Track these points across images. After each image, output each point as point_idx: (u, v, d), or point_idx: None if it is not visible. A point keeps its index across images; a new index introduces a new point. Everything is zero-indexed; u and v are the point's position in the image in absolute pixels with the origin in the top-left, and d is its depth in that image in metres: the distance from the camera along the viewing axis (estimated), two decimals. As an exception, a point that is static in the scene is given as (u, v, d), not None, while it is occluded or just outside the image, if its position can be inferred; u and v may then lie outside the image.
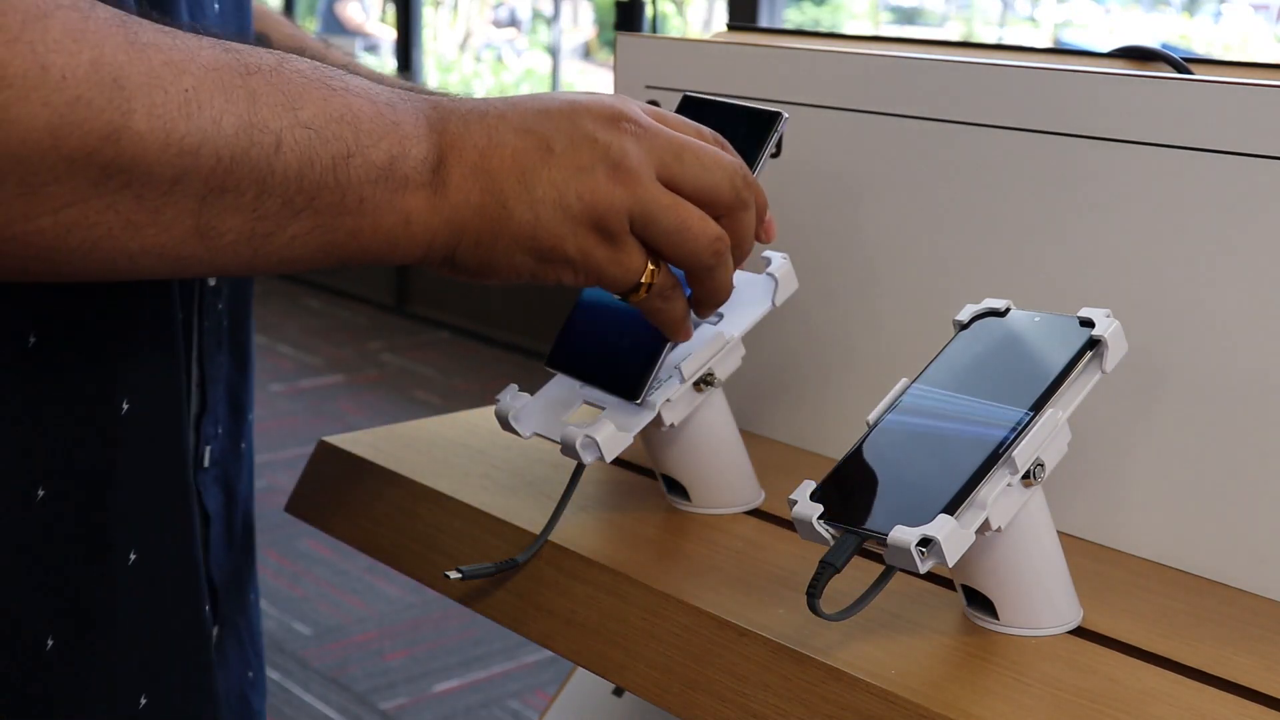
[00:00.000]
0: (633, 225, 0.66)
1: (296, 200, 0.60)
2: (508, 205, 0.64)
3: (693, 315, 0.73)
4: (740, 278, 0.79)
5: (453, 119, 0.64)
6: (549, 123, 0.65)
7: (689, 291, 0.71)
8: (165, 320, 0.70)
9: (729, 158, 0.68)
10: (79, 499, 0.67)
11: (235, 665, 0.84)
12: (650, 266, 0.67)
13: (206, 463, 0.79)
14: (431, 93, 0.67)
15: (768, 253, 0.80)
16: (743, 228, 0.69)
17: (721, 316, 0.78)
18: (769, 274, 0.79)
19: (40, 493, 0.65)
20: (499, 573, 0.76)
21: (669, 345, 0.73)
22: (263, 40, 0.89)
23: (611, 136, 0.65)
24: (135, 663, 0.70)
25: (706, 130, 0.70)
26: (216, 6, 0.78)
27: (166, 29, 0.58)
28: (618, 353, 0.75)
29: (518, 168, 0.64)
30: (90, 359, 0.67)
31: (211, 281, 0.76)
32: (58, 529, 0.66)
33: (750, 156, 0.74)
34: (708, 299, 0.71)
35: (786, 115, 0.76)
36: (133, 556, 0.68)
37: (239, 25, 0.81)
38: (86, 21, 0.54)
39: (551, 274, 0.66)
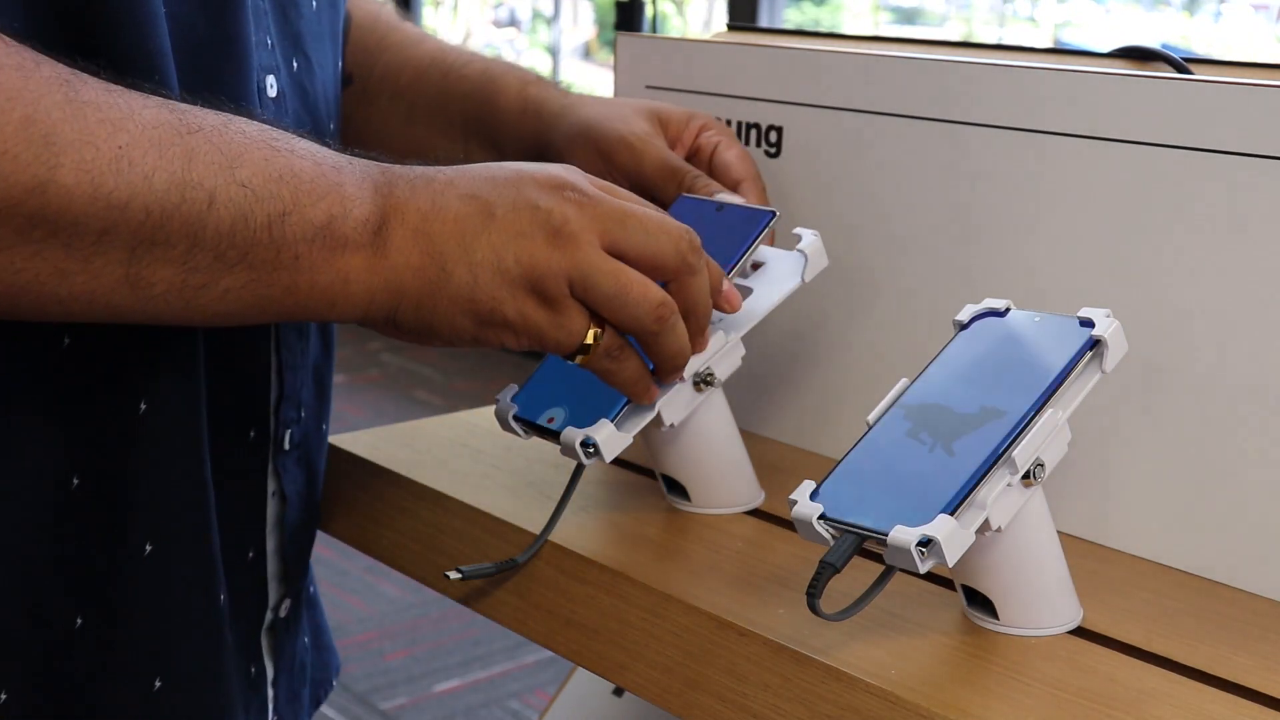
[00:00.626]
0: (573, 289, 0.66)
1: (229, 255, 0.61)
2: (447, 268, 0.65)
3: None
4: (771, 254, 0.80)
5: (400, 184, 0.66)
6: (493, 189, 0.66)
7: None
8: (183, 329, 0.71)
9: (675, 224, 0.69)
10: (102, 492, 0.69)
11: (303, 631, 0.88)
12: (593, 329, 0.68)
13: (287, 445, 0.81)
14: (388, 162, 0.67)
15: (798, 229, 0.80)
16: (692, 293, 0.70)
17: (748, 294, 0.79)
18: (799, 250, 0.79)
19: (75, 481, 0.68)
20: (499, 573, 0.76)
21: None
22: (369, 50, 0.95)
23: (553, 203, 0.66)
24: (151, 648, 0.72)
25: (652, 206, 0.71)
26: (314, 4, 0.81)
27: (113, 88, 0.59)
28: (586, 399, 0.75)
29: (458, 232, 0.65)
30: (114, 362, 0.69)
31: None
32: (83, 519, 0.69)
33: (735, 251, 0.77)
34: (662, 365, 0.72)
35: (778, 214, 0.79)
36: (149, 548, 0.71)
37: (332, 21, 0.84)
38: (26, 80, 0.56)
39: (493, 337, 0.67)
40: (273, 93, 0.75)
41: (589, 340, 0.68)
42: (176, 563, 0.72)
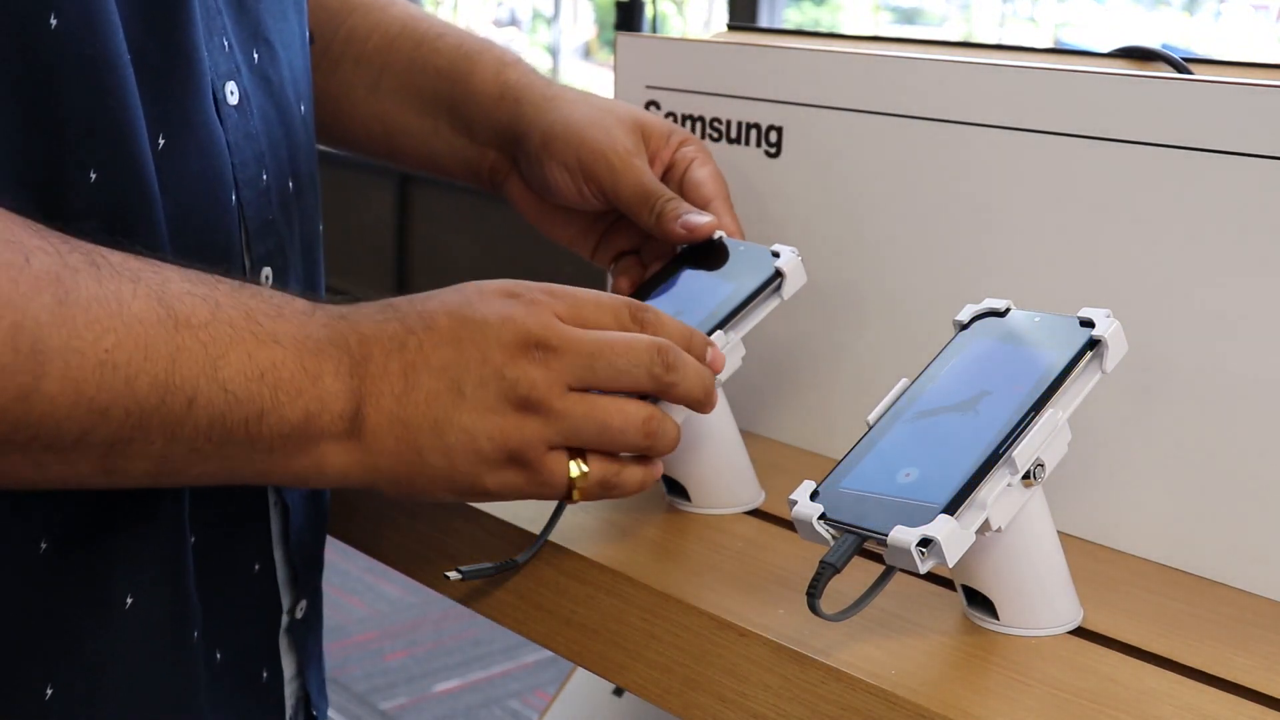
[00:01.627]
0: (553, 445, 0.67)
1: (204, 449, 0.62)
2: (423, 453, 0.66)
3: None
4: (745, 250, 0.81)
5: (376, 356, 0.66)
6: (460, 359, 0.66)
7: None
8: None
9: (642, 345, 0.68)
10: (79, 548, 0.68)
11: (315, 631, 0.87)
12: (577, 466, 0.68)
13: None
14: (358, 307, 0.68)
15: (776, 246, 0.80)
16: (679, 394, 0.70)
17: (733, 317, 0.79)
18: (775, 268, 0.79)
19: (43, 546, 0.66)
20: (499, 572, 0.76)
21: None
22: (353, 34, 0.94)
23: (520, 370, 0.66)
24: (128, 704, 0.71)
25: (620, 304, 0.70)
26: None
27: (104, 271, 0.59)
28: None
29: (431, 416, 0.66)
30: None
31: (265, 282, 0.78)
32: (59, 579, 0.67)
33: (739, 291, 0.79)
34: (658, 455, 0.72)
35: (784, 276, 0.79)
36: (129, 600, 0.69)
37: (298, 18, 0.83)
38: (16, 284, 0.55)
39: (477, 500, 0.69)
40: (234, 99, 0.74)
41: (574, 477, 0.68)
42: (157, 613, 0.70)
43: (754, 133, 0.92)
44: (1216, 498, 0.74)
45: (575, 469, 0.68)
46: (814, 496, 0.65)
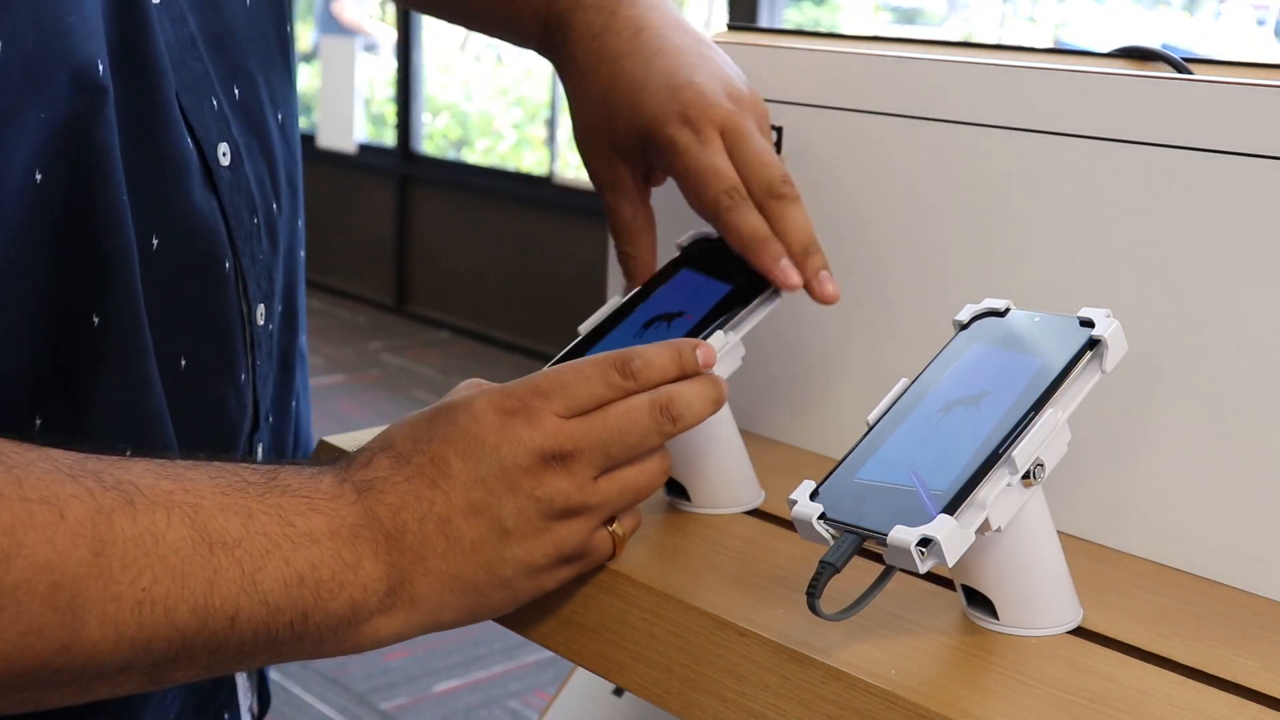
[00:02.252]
0: (596, 529, 0.70)
1: (251, 651, 0.63)
2: (484, 594, 0.67)
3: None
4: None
5: (409, 525, 0.65)
6: (490, 498, 0.66)
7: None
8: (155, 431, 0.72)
9: (643, 410, 0.69)
10: None
11: None
12: (614, 534, 0.71)
13: (259, 457, 0.82)
14: (373, 464, 0.67)
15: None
16: (691, 426, 0.71)
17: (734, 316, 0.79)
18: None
19: None
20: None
21: None
22: None
23: (549, 487, 0.67)
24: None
25: (606, 367, 0.69)
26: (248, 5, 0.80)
27: (140, 508, 0.59)
28: None
29: (483, 561, 0.66)
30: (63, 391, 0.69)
31: (260, 321, 0.79)
32: None
33: (739, 291, 0.79)
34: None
35: (780, 300, 0.80)
36: None
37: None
38: (53, 545, 0.56)
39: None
40: (226, 160, 0.75)
41: (618, 543, 0.72)
42: None
43: (754, 133, 0.92)
44: (1216, 498, 0.74)
45: (617, 533, 0.71)
46: (814, 496, 0.65)
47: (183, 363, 0.74)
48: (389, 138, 5.94)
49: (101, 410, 0.68)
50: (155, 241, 0.70)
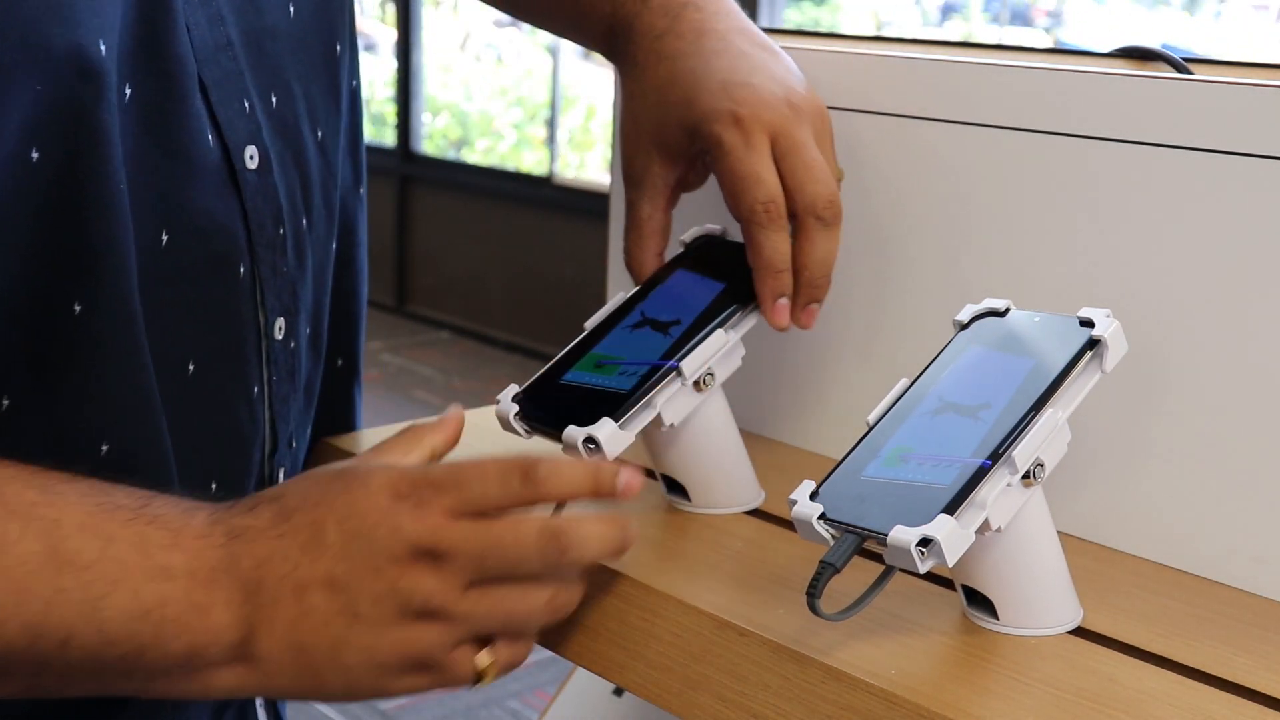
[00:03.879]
0: (457, 644, 0.65)
1: (74, 680, 0.62)
2: (320, 674, 0.64)
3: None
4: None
5: (268, 581, 0.63)
6: (352, 575, 0.63)
7: None
8: (143, 391, 0.71)
9: (532, 534, 0.64)
10: None
11: None
12: (485, 662, 0.66)
13: (281, 479, 0.82)
14: (255, 512, 0.65)
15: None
16: (579, 564, 0.67)
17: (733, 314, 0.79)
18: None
19: None
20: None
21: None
22: None
23: (412, 582, 0.63)
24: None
25: (510, 471, 0.65)
26: (291, 10, 0.79)
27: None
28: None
29: (327, 639, 0.63)
30: (70, 413, 0.68)
31: (279, 335, 0.78)
32: None
33: (739, 290, 0.79)
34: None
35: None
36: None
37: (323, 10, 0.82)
38: None
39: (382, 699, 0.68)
40: (253, 164, 0.74)
41: (483, 669, 0.67)
42: None
43: (754, 133, 0.92)
44: (1216, 498, 0.74)
45: (483, 660, 0.66)
46: (814, 496, 0.65)
47: (190, 366, 0.73)
48: (389, 138, 5.94)
49: (75, 400, 0.68)
50: (165, 237, 0.70)
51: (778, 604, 0.69)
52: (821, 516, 0.63)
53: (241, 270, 0.74)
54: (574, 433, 0.73)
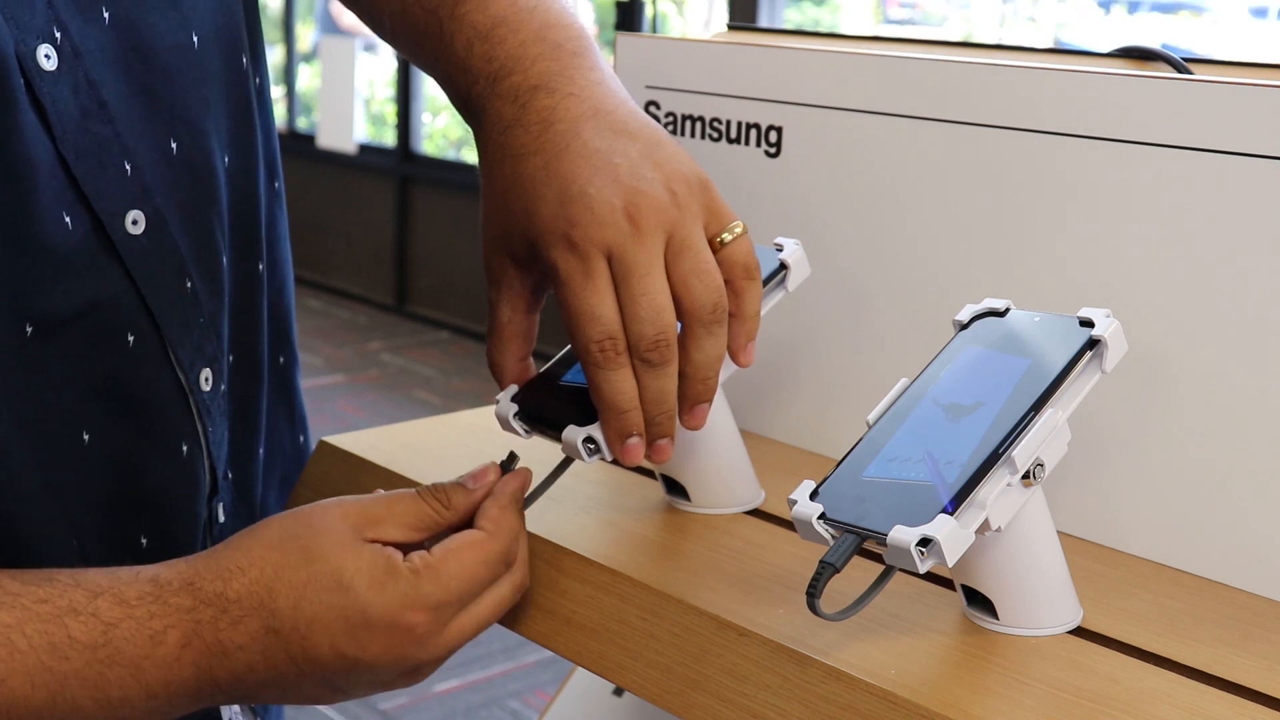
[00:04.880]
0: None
1: None
2: (289, 701, 0.71)
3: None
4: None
5: (244, 684, 0.67)
6: (345, 681, 0.69)
7: None
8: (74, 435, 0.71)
9: (508, 600, 0.72)
10: None
11: None
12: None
13: (222, 518, 0.81)
14: (241, 623, 0.67)
15: (779, 239, 0.80)
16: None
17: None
18: (781, 260, 0.79)
19: None
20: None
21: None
22: None
23: (396, 679, 0.70)
24: None
25: (505, 552, 0.71)
26: (192, 43, 0.76)
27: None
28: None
29: (304, 697, 0.70)
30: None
31: (205, 386, 0.77)
32: None
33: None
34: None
35: (790, 269, 0.78)
36: None
37: (224, 32, 0.79)
38: None
39: None
40: (138, 229, 0.71)
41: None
42: None
43: (754, 133, 0.92)
44: (1216, 498, 0.74)
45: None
46: (814, 496, 0.65)
47: (85, 437, 0.71)
48: (389, 138, 5.94)
49: None
50: (29, 329, 0.67)
51: (778, 604, 0.69)
52: (821, 516, 0.63)
53: (132, 339, 0.72)
54: (574, 433, 0.73)
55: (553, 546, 0.76)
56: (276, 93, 6.28)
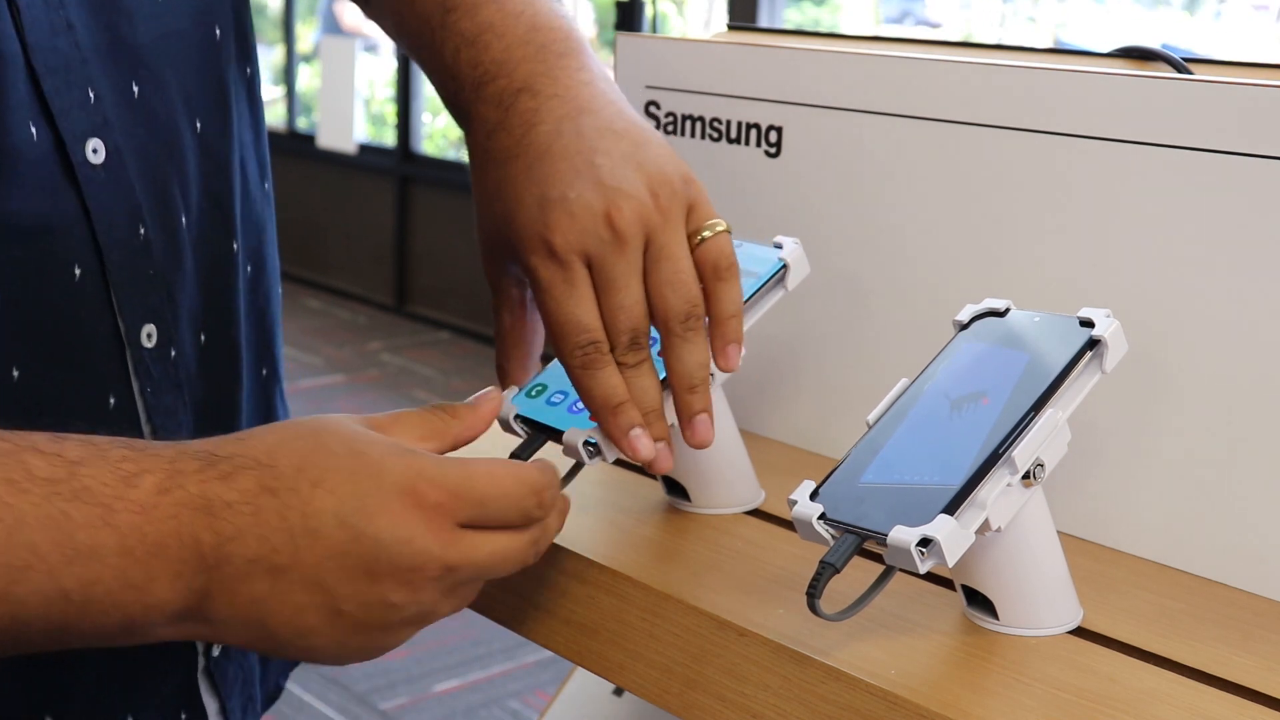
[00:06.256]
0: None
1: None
2: (282, 648, 0.61)
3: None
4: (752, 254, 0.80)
5: (235, 558, 0.58)
6: (344, 579, 0.59)
7: None
8: None
9: (528, 552, 0.64)
10: None
11: (237, 678, 0.83)
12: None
13: None
14: (232, 480, 0.59)
15: (779, 237, 0.80)
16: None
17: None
18: (780, 259, 0.79)
19: None
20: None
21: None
22: None
23: (408, 596, 0.60)
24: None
25: (527, 494, 0.64)
26: None
27: None
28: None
29: (298, 627, 0.60)
30: None
31: (148, 343, 0.74)
32: None
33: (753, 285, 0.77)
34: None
35: (790, 267, 0.78)
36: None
37: None
38: None
39: None
40: (97, 158, 0.69)
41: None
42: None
43: (754, 133, 0.92)
44: (1216, 498, 0.74)
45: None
46: (814, 496, 0.65)
47: (15, 372, 0.68)
48: (389, 138, 5.93)
49: None
50: None
51: (778, 604, 0.69)
52: (821, 516, 0.63)
53: (79, 272, 0.69)
54: (575, 434, 0.73)
55: (553, 546, 0.76)
56: (277, 93, 6.28)
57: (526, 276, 0.71)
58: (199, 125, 0.78)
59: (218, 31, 0.80)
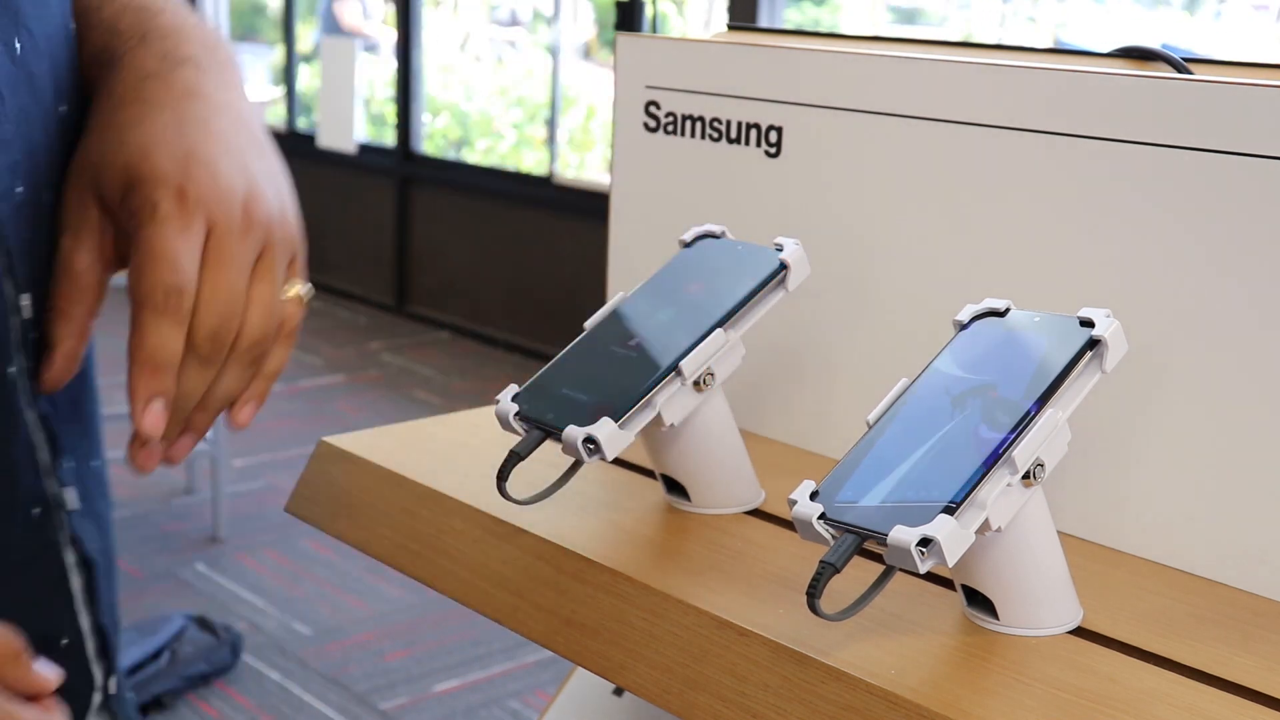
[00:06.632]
0: None
1: None
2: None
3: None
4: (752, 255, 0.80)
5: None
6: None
7: None
8: None
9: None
10: None
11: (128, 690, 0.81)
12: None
13: (77, 504, 0.74)
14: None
15: (779, 239, 0.80)
16: None
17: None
18: (781, 260, 0.79)
19: None
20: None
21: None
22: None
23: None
24: None
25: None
26: None
27: None
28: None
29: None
30: None
31: (26, 314, 0.69)
32: None
33: (742, 287, 0.77)
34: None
35: (790, 269, 0.78)
36: None
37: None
38: None
39: None
40: None
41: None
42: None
43: (754, 133, 0.92)
44: (1216, 498, 0.74)
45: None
46: (814, 496, 0.65)
47: None
48: (389, 138, 5.93)
49: None
50: None
51: (778, 604, 0.69)
52: (821, 516, 0.63)
53: None
54: (574, 432, 0.73)
55: (553, 546, 0.76)
56: (277, 93, 6.28)
57: (137, 208, 0.67)
58: (63, 109, 0.73)
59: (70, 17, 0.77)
